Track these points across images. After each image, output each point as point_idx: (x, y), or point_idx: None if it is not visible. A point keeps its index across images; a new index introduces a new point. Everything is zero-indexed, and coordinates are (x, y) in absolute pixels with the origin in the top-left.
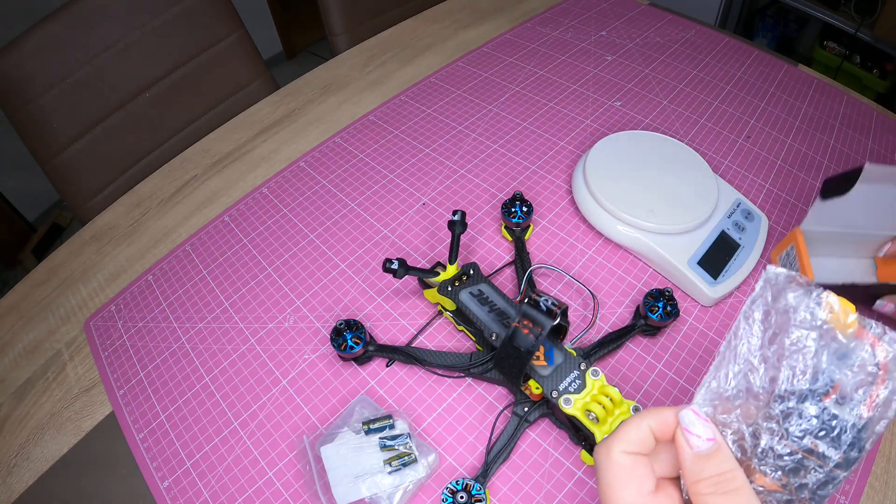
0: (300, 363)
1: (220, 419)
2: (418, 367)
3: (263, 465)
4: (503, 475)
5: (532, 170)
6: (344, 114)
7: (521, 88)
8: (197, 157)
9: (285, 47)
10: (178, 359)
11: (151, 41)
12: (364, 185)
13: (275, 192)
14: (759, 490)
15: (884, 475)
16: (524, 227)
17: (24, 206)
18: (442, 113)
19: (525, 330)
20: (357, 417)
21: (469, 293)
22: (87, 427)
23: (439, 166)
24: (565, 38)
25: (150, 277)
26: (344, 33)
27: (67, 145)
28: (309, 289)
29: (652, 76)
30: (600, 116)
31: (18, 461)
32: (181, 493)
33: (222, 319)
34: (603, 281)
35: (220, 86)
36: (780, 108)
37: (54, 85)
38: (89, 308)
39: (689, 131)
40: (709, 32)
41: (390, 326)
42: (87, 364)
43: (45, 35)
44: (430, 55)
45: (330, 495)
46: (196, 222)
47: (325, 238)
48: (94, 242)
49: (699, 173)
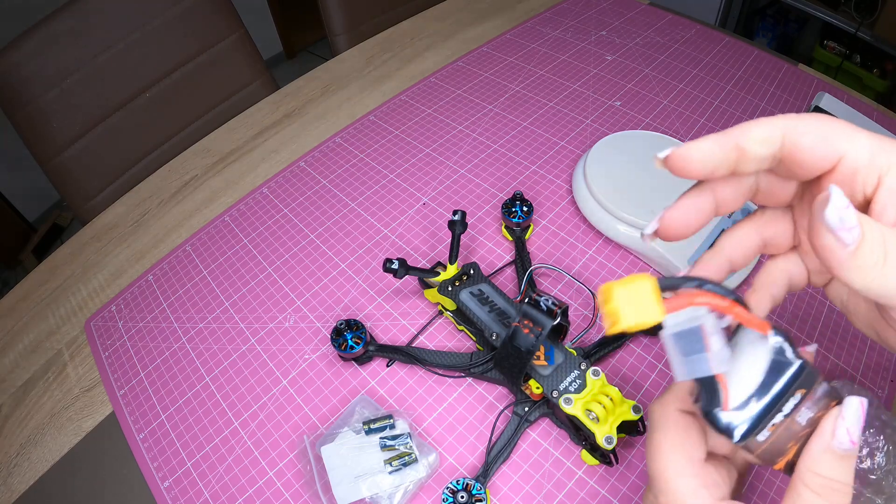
0: (300, 363)
1: (221, 419)
2: (418, 367)
3: (264, 465)
4: (503, 475)
5: (532, 170)
6: (344, 114)
7: (521, 88)
8: (197, 157)
9: (285, 47)
10: (178, 359)
11: (151, 41)
12: (364, 185)
13: (275, 192)
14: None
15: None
16: (524, 227)
17: (24, 206)
18: (442, 113)
19: (525, 330)
20: (357, 417)
21: (469, 293)
22: (88, 427)
23: (439, 166)
24: (565, 38)
25: (151, 277)
26: (344, 33)
27: (67, 145)
28: (309, 289)
29: (652, 76)
30: (600, 116)
31: (19, 461)
32: (181, 493)
33: (222, 319)
34: (603, 281)
35: (220, 86)
36: (780, 108)
37: (54, 85)
38: (89, 308)
39: (689, 131)
40: (709, 32)
41: (390, 326)
42: (88, 364)
43: (44, 35)
44: (430, 55)
45: (330, 495)
46: (196, 222)
47: (325, 238)
48: (95, 242)
49: None
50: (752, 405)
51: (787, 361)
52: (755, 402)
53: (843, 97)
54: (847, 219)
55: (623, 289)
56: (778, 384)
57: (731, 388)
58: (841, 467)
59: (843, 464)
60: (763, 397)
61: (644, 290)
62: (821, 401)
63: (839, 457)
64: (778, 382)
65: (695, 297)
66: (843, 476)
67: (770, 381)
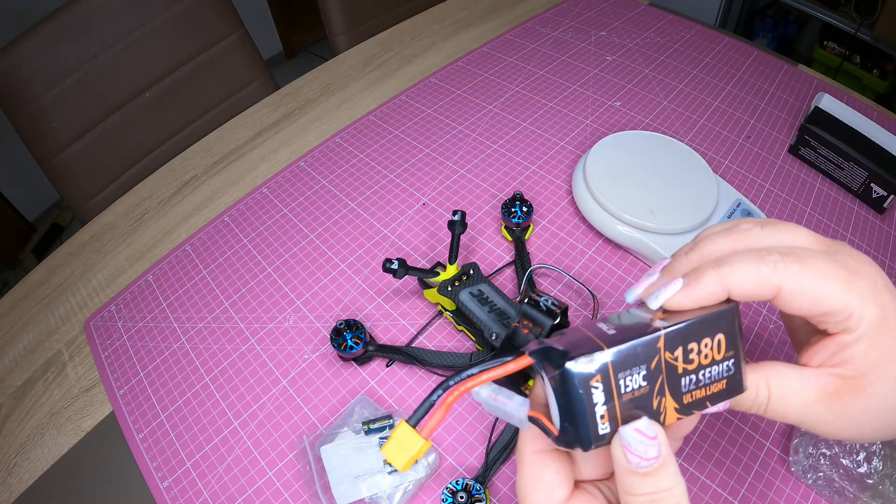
0: (300, 363)
1: (220, 419)
2: (418, 368)
3: (263, 465)
4: (503, 475)
5: (532, 170)
6: (344, 114)
7: (521, 88)
8: (197, 157)
9: (285, 47)
10: (178, 359)
11: (151, 41)
12: (364, 185)
13: (275, 192)
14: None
15: None
16: (524, 227)
17: (24, 206)
18: (442, 113)
19: (525, 330)
20: (357, 417)
21: (469, 293)
22: (87, 427)
23: (439, 166)
24: (565, 38)
25: (150, 277)
26: (344, 33)
27: (67, 145)
28: (309, 289)
29: (652, 76)
30: (600, 116)
31: (18, 461)
32: (181, 493)
33: (222, 319)
34: (603, 281)
35: (220, 86)
36: (779, 108)
37: (54, 85)
38: (89, 308)
39: (689, 131)
40: (709, 32)
41: (390, 326)
42: (87, 364)
43: (45, 35)
44: (430, 55)
45: (330, 495)
46: (196, 222)
47: (325, 238)
48: (94, 242)
49: (699, 173)
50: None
51: (562, 371)
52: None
53: (842, 98)
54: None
55: (390, 444)
56: (567, 393)
57: (552, 416)
58: (654, 479)
59: (654, 476)
60: (569, 409)
61: (403, 434)
62: (640, 355)
63: (643, 473)
64: (566, 392)
65: (444, 404)
66: (660, 484)
67: (561, 393)
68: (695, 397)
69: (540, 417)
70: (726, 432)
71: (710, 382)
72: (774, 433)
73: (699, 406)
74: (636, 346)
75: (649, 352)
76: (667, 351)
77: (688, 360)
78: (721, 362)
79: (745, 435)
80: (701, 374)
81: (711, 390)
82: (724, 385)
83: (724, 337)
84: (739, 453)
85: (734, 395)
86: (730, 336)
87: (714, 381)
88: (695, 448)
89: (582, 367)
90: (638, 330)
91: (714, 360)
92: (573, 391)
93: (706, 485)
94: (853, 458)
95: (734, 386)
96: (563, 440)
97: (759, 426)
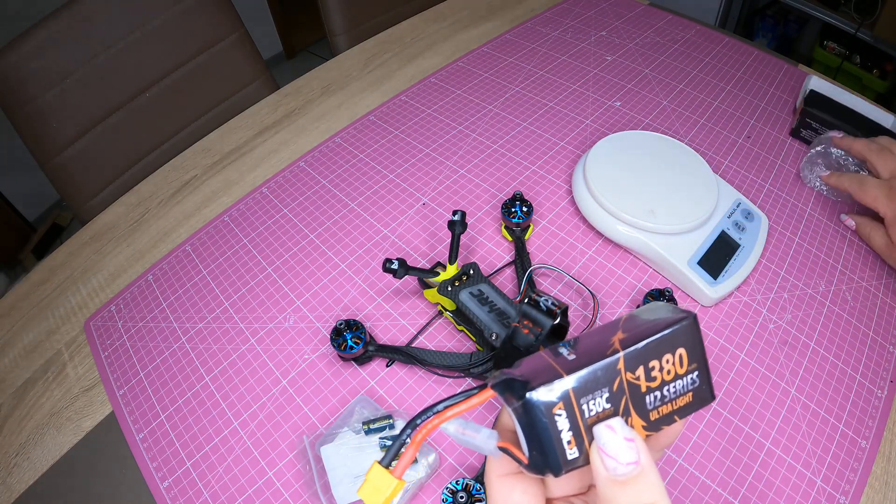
0: (300, 363)
1: (220, 419)
2: (418, 367)
3: (263, 465)
4: None
5: (532, 170)
6: (344, 114)
7: (521, 88)
8: (197, 157)
9: (285, 47)
10: (178, 359)
11: (151, 41)
12: (364, 185)
13: (275, 192)
14: None
15: (884, 475)
16: (524, 227)
17: (24, 206)
18: (442, 113)
19: (525, 330)
20: (357, 417)
21: (469, 293)
22: (87, 427)
23: (439, 166)
24: (565, 38)
25: (150, 277)
26: (344, 33)
27: (67, 145)
28: (309, 289)
29: (652, 76)
30: (600, 116)
31: (18, 461)
32: (181, 493)
33: (222, 319)
34: (603, 281)
35: (220, 86)
36: (779, 108)
37: (54, 85)
38: (89, 308)
39: (689, 131)
40: (709, 32)
41: (390, 326)
42: (87, 364)
43: (44, 35)
44: (430, 55)
45: (330, 495)
46: (196, 222)
47: (325, 238)
48: (94, 242)
49: (699, 173)
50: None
51: (525, 402)
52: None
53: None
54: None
55: (365, 486)
56: (532, 423)
57: (521, 444)
58: (634, 489)
59: (634, 485)
60: (535, 438)
61: (376, 475)
62: (600, 379)
63: (623, 482)
64: (531, 422)
65: (414, 443)
66: (641, 496)
67: (526, 423)
68: (661, 413)
69: (509, 447)
70: (726, 432)
71: (676, 396)
72: (774, 433)
73: (667, 421)
74: (596, 370)
75: (610, 374)
76: (628, 371)
77: (650, 378)
78: (684, 376)
79: (746, 435)
80: (665, 390)
81: (678, 404)
82: (690, 398)
83: (685, 351)
84: (739, 453)
85: (703, 405)
86: (691, 349)
87: (679, 394)
88: (695, 448)
89: (543, 395)
90: (598, 353)
91: (677, 375)
92: (537, 420)
93: (706, 485)
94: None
95: (702, 397)
96: (533, 467)
97: (759, 426)
